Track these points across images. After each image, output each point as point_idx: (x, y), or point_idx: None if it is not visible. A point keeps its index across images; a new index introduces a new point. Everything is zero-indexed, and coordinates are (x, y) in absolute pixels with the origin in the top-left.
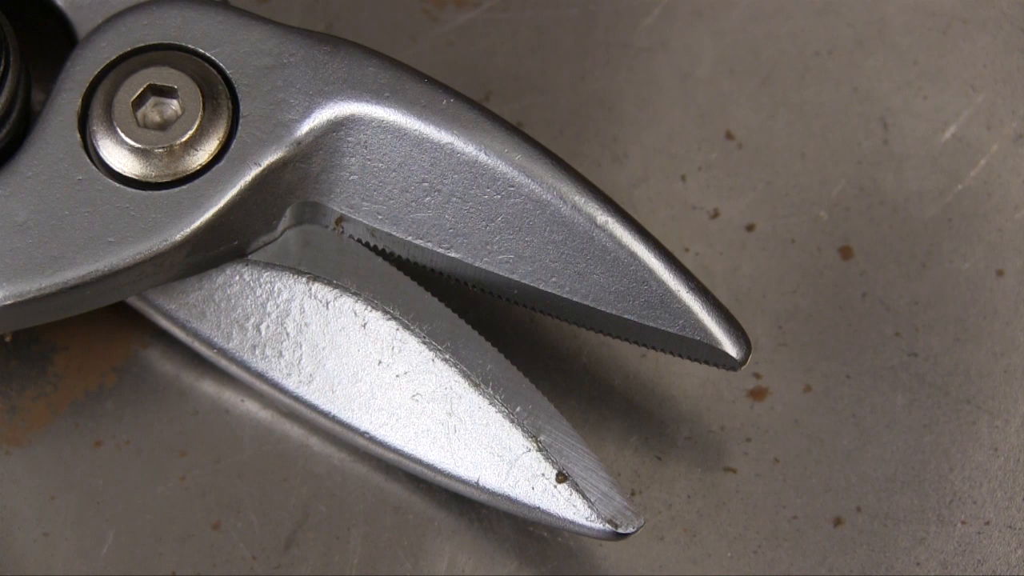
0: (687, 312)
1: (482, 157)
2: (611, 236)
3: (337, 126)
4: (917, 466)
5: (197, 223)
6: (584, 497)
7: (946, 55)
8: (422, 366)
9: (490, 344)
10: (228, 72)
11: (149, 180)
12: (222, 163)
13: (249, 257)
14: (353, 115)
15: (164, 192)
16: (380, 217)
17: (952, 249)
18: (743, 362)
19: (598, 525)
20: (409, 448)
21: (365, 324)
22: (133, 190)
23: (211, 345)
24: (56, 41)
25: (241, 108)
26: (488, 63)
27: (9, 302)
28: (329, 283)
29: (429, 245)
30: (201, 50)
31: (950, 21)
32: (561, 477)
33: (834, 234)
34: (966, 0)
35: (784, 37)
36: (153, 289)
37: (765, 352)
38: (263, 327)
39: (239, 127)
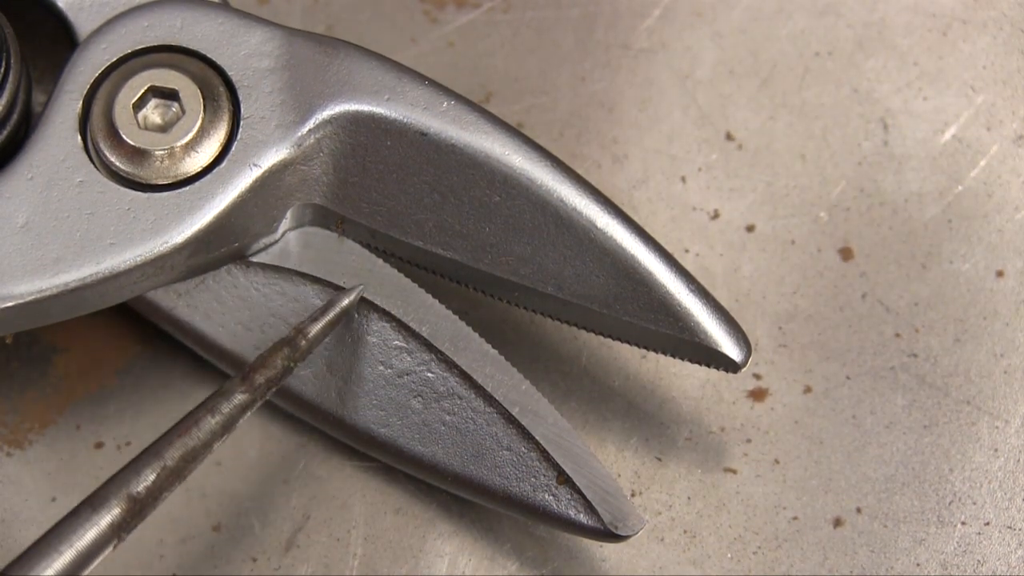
0: (687, 314)
1: (482, 159)
2: (611, 238)
3: (338, 128)
4: (917, 467)
5: (198, 225)
6: (584, 498)
7: (946, 56)
8: (423, 367)
9: (490, 346)
10: (229, 74)
11: (150, 182)
12: (223, 165)
13: (250, 259)
14: (353, 117)
15: (165, 194)
16: (380, 219)
17: (952, 250)
18: (743, 364)
19: (598, 526)
20: (410, 449)
21: (366, 325)
22: (134, 192)
23: (214, 346)
24: (57, 43)
25: (242, 110)
26: (488, 64)
27: (10, 304)
28: (330, 285)
29: (429, 247)
30: (202, 52)
31: (950, 22)
32: (561, 478)
33: (834, 235)
34: (966, 1)
35: (784, 38)
36: (154, 291)
37: (765, 353)
38: (265, 329)
39: (240, 129)
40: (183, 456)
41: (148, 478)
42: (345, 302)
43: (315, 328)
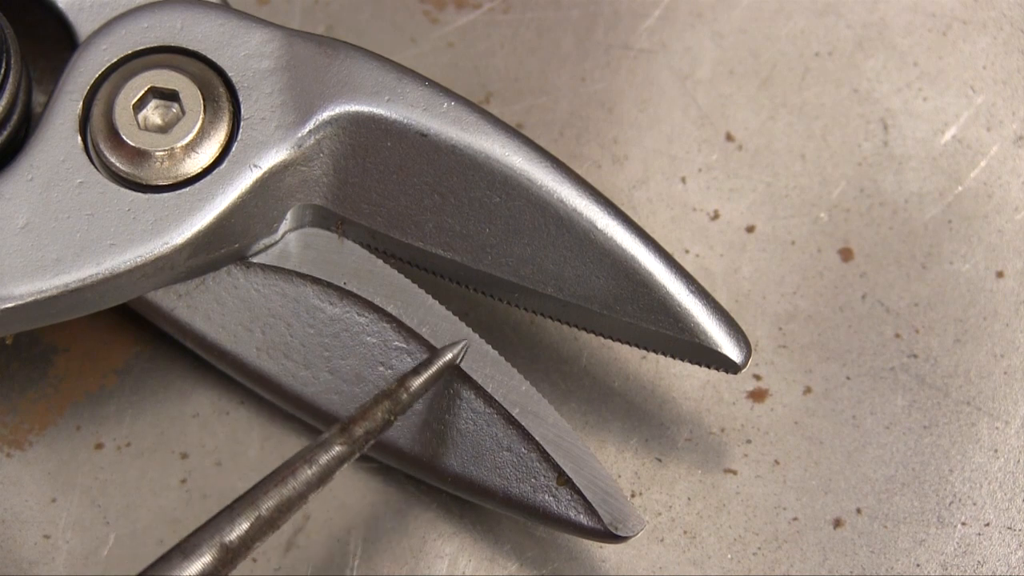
0: (687, 315)
1: (483, 160)
2: (611, 239)
3: (338, 129)
4: (917, 467)
5: (198, 226)
6: (584, 499)
7: (946, 56)
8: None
9: (491, 347)
10: (229, 75)
11: (150, 183)
12: (223, 166)
13: (250, 260)
14: (354, 118)
15: (165, 195)
16: (380, 220)
17: (952, 250)
18: (743, 365)
19: (598, 527)
20: (410, 450)
21: (366, 326)
22: (134, 193)
23: (214, 347)
24: (57, 43)
25: (242, 111)
26: (488, 65)
27: (10, 305)
28: (330, 286)
29: (430, 248)
30: (202, 52)
31: (950, 22)
32: (561, 479)
33: (834, 235)
34: (966, 1)
35: (784, 38)
36: (154, 291)
37: (765, 354)
38: (266, 330)
39: (240, 130)
40: (278, 506)
41: (242, 527)
42: (448, 356)
43: (417, 382)
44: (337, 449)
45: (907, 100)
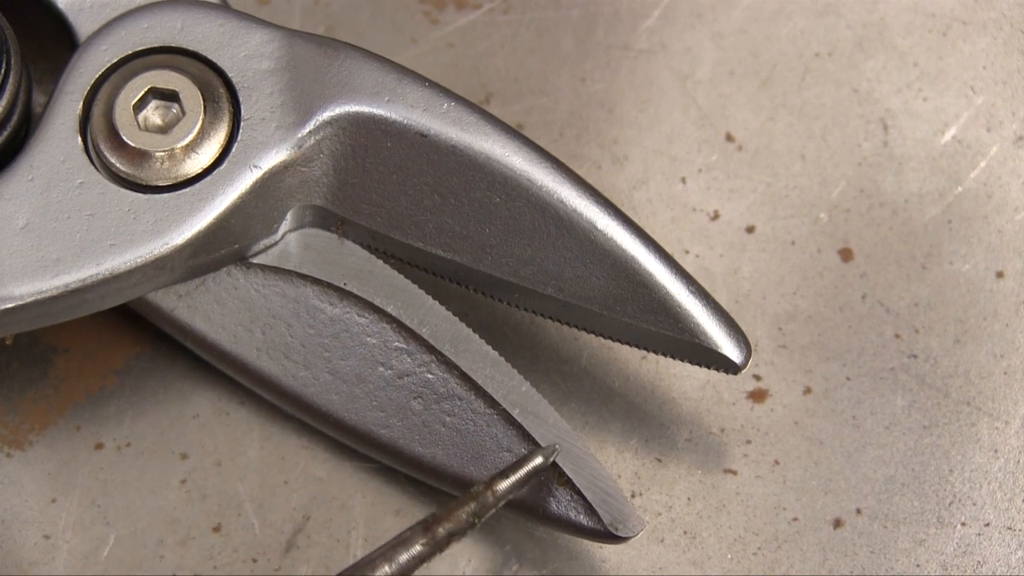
0: (687, 316)
1: (483, 161)
2: (611, 239)
3: (338, 130)
4: (917, 468)
5: (198, 227)
6: (584, 499)
7: (946, 57)
8: (423, 369)
9: (491, 347)
10: (229, 75)
11: (150, 183)
12: (223, 166)
13: (250, 260)
14: (354, 119)
15: (165, 195)
16: (381, 220)
17: (952, 251)
18: (743, 366)
19: (598, 527)
20: (410, 450)
21: (366, 327)
22: (134, 193)
23: (214, 348)
24: (57, 44)
25: (242, 111)
26: (488, 65)
27: (10, 305)
28: (330, 286)
29: (430, 248)
30: (202, 53)
31: (950, 23)
32: (561, 479)
33: (834, 236)
34: (966, 2)
35: (784, 39)
36: (154, 292)
37: (765, 354)
38: (266, 330)
39: (240, 130)
40: None
41: None
42: (538, 460)
43: (504, 484)
44: (418, 548)
45: (907, 100)
